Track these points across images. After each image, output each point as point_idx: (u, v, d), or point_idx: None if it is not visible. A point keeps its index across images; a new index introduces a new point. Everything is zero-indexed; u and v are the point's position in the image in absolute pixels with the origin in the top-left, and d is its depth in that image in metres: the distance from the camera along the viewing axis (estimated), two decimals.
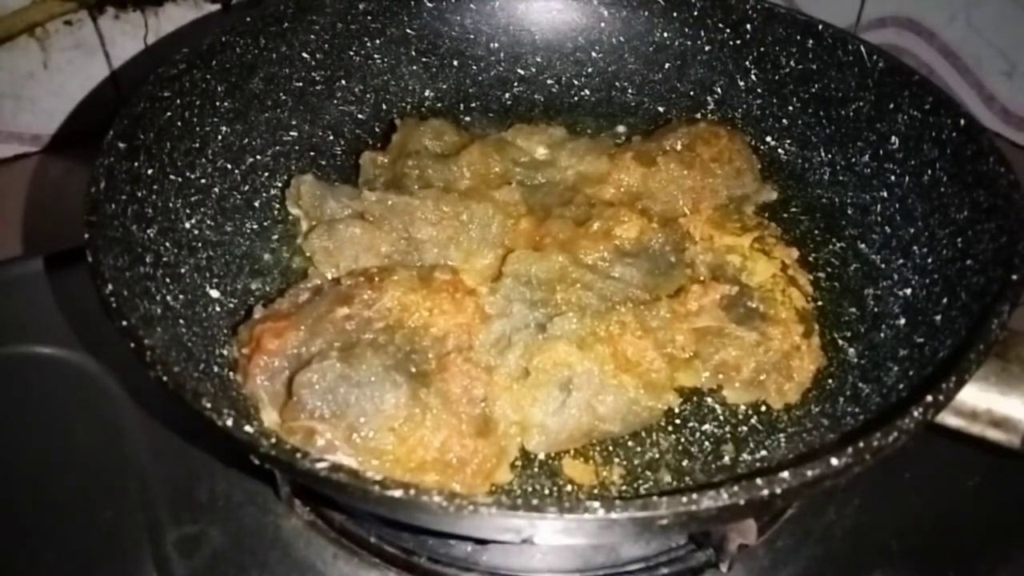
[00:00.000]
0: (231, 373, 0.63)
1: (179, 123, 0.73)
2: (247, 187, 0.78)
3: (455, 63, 0.92)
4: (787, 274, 0.74)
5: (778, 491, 0.47)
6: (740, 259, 0.74)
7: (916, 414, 0.51)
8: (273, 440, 0.49)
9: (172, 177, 0.71)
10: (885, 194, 0.78)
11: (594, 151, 0.82)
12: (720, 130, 0.83)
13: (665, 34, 0.91)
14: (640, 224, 0.75)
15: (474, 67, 0.92)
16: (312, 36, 0.84)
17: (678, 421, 0.66)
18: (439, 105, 0.91)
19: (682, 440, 0.65)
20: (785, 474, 0.47)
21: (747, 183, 0.82)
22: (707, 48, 0.89)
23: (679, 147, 0.81)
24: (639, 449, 0.64)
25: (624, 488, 0.62)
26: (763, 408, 0.67)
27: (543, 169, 0.81)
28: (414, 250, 0.73)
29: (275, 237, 0.76)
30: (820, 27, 0.83)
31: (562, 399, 0.63)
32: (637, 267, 0.72)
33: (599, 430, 0.63)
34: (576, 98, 0.92)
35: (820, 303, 0.74)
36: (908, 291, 0.72)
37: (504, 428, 0.62)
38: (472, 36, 0.92)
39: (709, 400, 0.67)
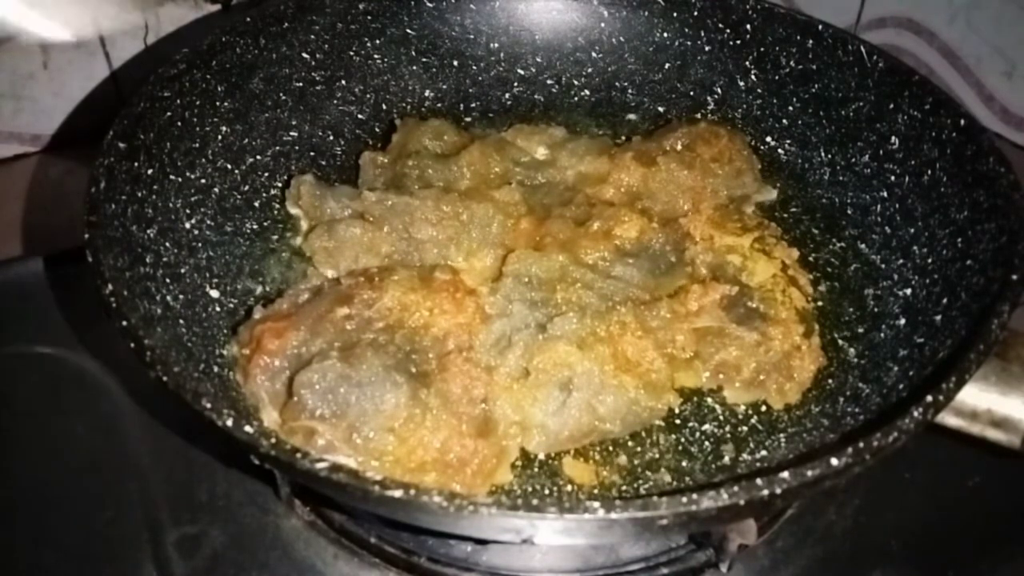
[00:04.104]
0: (231, 373, 0.63)
1: (179, 123, 0.73)
2: (247, 187, 0.78)
3: (455, 63, 0.92)
4: (787, 274, 0.74)
5: (778, 491, 0.47)
6: (740, 259, 0.74)
7: (916, 414, 0.51)
8: (273, 440, 0.49)
9: (172, 177, 0.71)
10: (885, 194, 0.78)
11: (594, 151, 0.82)
12: (720, 130, 0.83)
13: (665, 34, 0.91)
14: (640, 224, 0.75)
15: (474, 67, 0.92)
16: (312, 36, 0.84)
17: (678, 421, 0.66)
18: (439, 105, 0.91)
19: (682, 440, 0.65)
20: (785, 474, 0.47)
21: (747, 183, 0.82)
22: (707, 48, 0.89)
23: (679, 147, 0.81)
24: (639, 449, 0.64)
25: (624, 488, 0.62)
26: (763, 408, 0.67)
27: (543, 169, 0.81)
28: (414, 250, 0.73)
29: (275, 237, 0.76)
30: (820, 27, 0.83)
31: (562, 399, 0.63)
32: (637, 267, 0.72)
33: (599, 430, 0.63)
34: (576, 98, 0.92)
35: (820, 303, 0.74)
36: (908, 291, 0.72)
37: (504, 428, 0.62)
38: (472, 36, 0.92)
39: (709, 400, 0.67)
